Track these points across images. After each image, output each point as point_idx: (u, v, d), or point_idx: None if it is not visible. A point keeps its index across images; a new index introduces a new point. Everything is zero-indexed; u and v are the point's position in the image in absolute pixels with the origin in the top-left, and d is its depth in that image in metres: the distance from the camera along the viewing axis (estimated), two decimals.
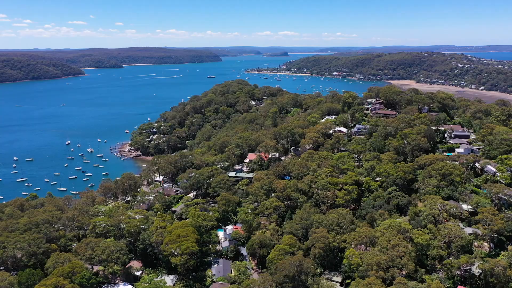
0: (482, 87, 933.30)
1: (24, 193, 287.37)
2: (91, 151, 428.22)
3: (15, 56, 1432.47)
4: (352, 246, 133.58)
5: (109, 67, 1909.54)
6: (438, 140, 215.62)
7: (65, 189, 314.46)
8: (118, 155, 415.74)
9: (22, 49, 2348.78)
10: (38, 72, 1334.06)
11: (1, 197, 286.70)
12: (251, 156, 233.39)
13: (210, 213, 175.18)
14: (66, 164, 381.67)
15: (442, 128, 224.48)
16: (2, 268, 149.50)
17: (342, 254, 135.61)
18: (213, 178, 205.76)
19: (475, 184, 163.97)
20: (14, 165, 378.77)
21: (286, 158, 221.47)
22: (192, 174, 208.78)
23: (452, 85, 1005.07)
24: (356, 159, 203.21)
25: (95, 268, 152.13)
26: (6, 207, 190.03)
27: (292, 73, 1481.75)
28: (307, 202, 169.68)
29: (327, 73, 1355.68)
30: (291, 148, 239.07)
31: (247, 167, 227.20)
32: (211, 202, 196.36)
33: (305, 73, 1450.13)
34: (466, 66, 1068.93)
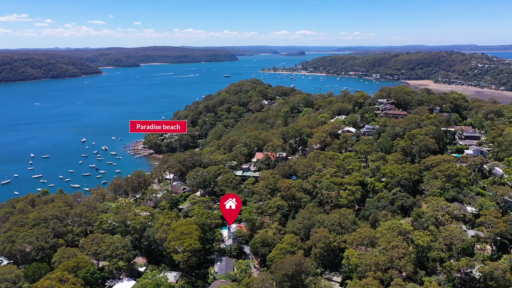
0: (502, 88, 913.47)
1: (39, 189, 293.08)
2: (105, 149, 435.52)
3: (36, 55, 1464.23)
4: (353, 246, 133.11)
5: (127, 66, 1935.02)
6: (447, 141, 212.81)
7: (78, 185, 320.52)
8: (131, 153, 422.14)
9: (43, 48, 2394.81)
10: (58, 71, 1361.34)
11: (17, 193, 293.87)
12: (259, 155, 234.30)
13: (215, 212, 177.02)
14: (80, 162, 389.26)
15: (453, 129, 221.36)
16: (11, 261, 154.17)
17: (343, 254, 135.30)
18: (220, 176, 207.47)
19: (481, 186, 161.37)
20: (30, 162, 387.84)
21: (293, 158, 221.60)
22: (200, 172, 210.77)
23: (471, 85, 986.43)
24: (363, 159, 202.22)
25: (101, 263, 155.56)
26: (17, 203, 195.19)
27: (308, 72, 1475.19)
28: (311, 202, 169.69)
29: (343, 73, 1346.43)
30: (299, 148, 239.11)
31: (254, 166, 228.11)
32: (217, 201, 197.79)
33: (321, 72, 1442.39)
34: (486, 66, 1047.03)
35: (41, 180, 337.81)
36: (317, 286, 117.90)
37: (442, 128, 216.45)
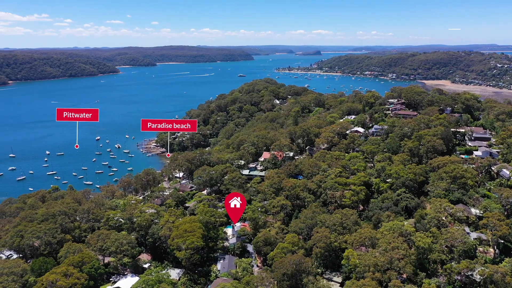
0: None
1: (52, 186, 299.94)
2: (119, 147, 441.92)
3: (55, 54, 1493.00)
4: (354, 247, 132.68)
5: (143, 65, 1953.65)
6: (457, 142, 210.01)
7: (91, 182, 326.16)
8: (144, 151, 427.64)
9: (63, 48, 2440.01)
10: (76, 70, 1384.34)
11: (31, 189, 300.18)
12: (266, 155, 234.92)
13: (219, 210, 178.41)
14: (94, 159, 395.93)
15: (463, 130, 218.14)
16: (20, 255, 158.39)
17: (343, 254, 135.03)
18: (226, 175, 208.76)
19: (488, 188, 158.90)
20: (45, 159, 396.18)
21: (299, 157, 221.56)
22: (206, 171, 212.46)
23: (490, 85, 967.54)
24: (370, 160, 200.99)
25: (107, 259, 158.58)
26: (28, 198, 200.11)
27: (323, 72, 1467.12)
28: (315, 202, 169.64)
29: (359, 73, 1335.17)
30: (306, 148, 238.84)
31: (260, 166, 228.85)
32: (223, 199, 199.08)
33: (336, 72, 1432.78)
34: (506, 66, 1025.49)
35: (55, 177, 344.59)
36: (315, 286, 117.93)
37: (452, 129, 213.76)
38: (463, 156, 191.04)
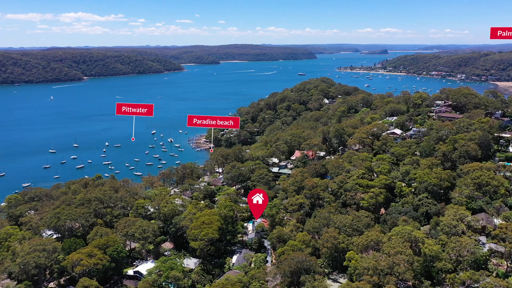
0: None
1: (106, 175, 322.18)
2: (171, 141, 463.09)
3: (127, 52, 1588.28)
4: (359, 249, 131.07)
5: (207, 63, 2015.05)
6: (498, 148, 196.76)
7: (140, 173, 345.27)
8: (193, 146, 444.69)
9: (136, 46, 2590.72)
10: (144, 67, 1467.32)
11: (87, 177, 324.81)
12: (298, 154, 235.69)
13: (242, 205, 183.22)
14: (147, 152, 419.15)
15: (508, 135, 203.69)
16: (60, 235, 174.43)
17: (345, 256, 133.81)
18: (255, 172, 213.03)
19: None
20: (104, 150, 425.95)
21: (328, 157, 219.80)
22: (236, 167, 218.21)
23: None
24: (399, 162, 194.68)
25: (133, 245, 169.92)
26: (73, 184, 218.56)
27: (387, 72, 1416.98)
28: (334, 202, 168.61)
29: (424, 73, 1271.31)
30: (339, 148, 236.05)
31: (291, 164, 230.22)
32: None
33: (401, 72, 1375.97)
34: None
35: (110, 167, 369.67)
36: (311, 285, 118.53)
37: (495, 134, 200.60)
38: (502, 162, 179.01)
